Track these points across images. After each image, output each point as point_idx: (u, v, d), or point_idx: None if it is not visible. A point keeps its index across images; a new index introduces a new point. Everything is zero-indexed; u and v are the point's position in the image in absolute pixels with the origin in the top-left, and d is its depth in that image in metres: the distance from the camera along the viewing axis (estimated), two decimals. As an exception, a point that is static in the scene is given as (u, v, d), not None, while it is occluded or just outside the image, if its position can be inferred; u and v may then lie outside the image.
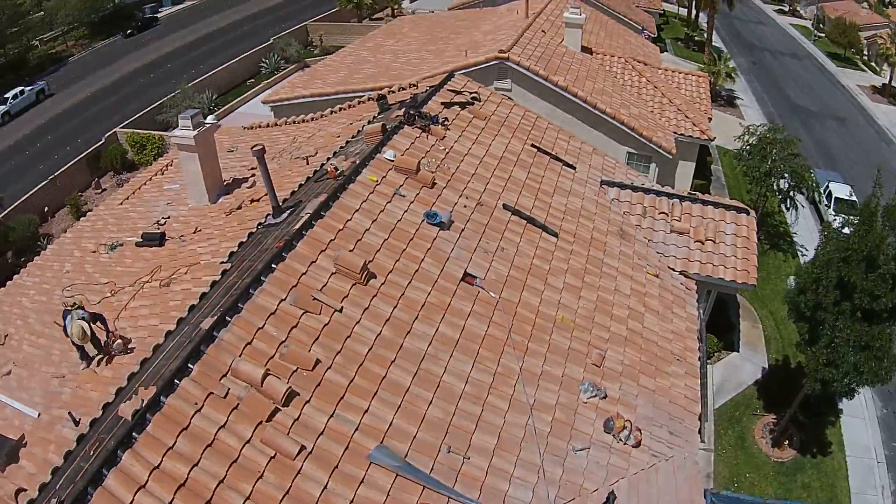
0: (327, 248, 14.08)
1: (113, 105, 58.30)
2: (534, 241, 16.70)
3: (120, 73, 67.17)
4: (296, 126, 25.46)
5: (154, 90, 56.95)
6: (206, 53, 66.75)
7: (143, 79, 64.35)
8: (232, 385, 11.39)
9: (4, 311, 21.10)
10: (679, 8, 76.08)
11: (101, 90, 63.72)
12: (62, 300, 18.77)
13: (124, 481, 9.93)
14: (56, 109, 61.37)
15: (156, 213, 21.86)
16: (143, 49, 73.16)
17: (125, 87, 63.19)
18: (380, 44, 38.53)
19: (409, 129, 18.30)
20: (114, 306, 16.95)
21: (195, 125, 19.37)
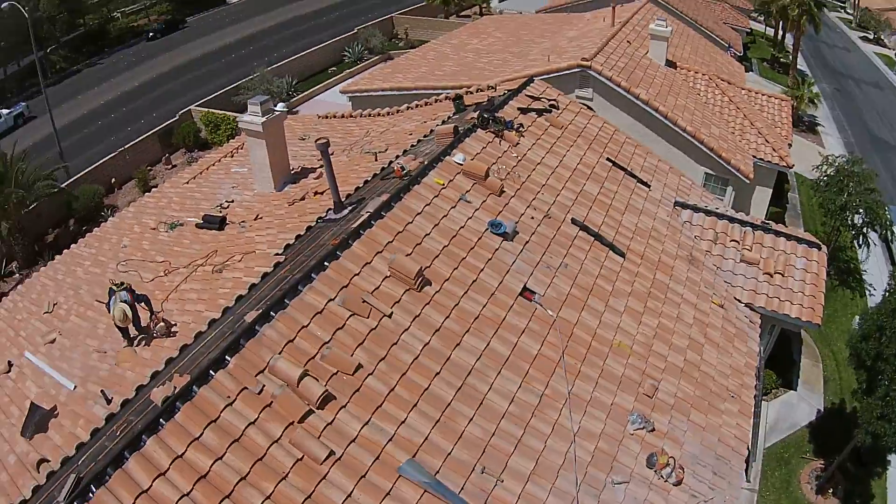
0: (384, 251, 13.77)
1: (191, 82, 59.41)
2: (599, 259, 16.18)
3: (202, 51, 68.53)
4: (370, 119, 25.38)
5: (234, 71, 57.86)
6: (289, 38, 67.60)
7: (225, 59, 65.50)
8: (268, 382, 11.17)
9: (58, 279, 21.56)
10: (766, 27, 74.24)
11: (181, 66, 65.05)
12: (115, 274, 19.09)
13: (145, 466, 9.88)
14: (133, 83, 62.83)
15: (220, 195, 22.10)
16: (227, 28, 74.43)
17: (206, 66, 64.45)
18: (464, 42, 38.46)
19: (482, 132, 17.91)
20: (165, 286, 17.13)
21: (264, 112, 19.46)
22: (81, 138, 53.38)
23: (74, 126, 56.12)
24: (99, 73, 69.79)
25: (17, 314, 20.72)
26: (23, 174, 38.21)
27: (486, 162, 16.86)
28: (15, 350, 18.45)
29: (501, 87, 21.69)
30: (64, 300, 20.03)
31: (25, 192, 37.62)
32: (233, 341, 11.60)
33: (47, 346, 17.69)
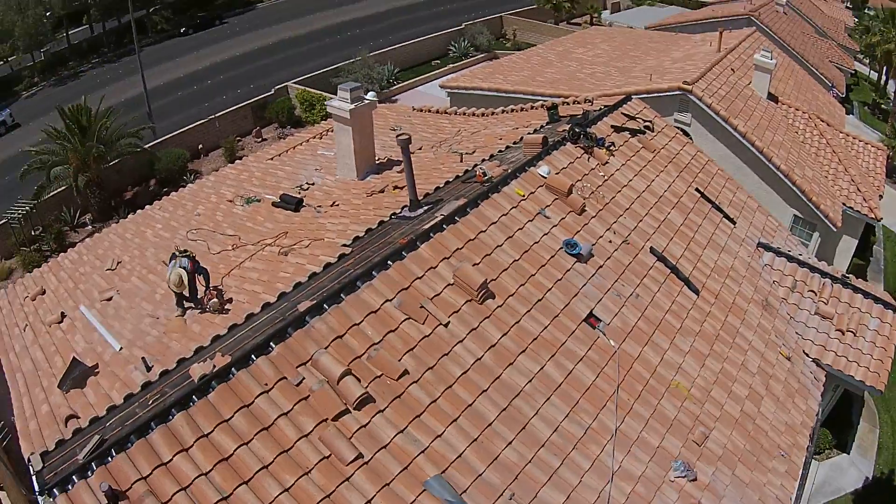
0: (451, 257, 13.45)
1: (292, 58, 60.28)
2: (672, 293, 15.55)
3: (309, 28, 69.57)
4: (464, 118, 25.16)
5: (337, 52, 58.47)
6: (397, 25, 68.16)
7: (330, 38, 66.38)
8: (308, 375, 11.02)
9: (126, 238, 22.03)
10: (871, 71, 71.62)
11: (287, 41, 66.09)
12: (184, 241, 19.35)
13: (169, 440, 9.94)
14: (235, 51, 64.12)
15: (302, 176, 22.23)
16: (337, 9, 75.35)
17: (310, 43, 65.40)
18: (569, 50, 38.13)
19: (572, 147, 17.46)
20: (230, 261, 17.27)
21: (353, 99, 19.45)
22: (174, 101, 54.83)
23: (168, 88, 57.85)
24: (202, 38, 71.51)
25: (81, 267, 21.30)
26: (106, 130, 39.27)
27: (572, 178, 16.40)
28: (71, 302, 18.96)
29: (598, 102, 21.19)
30: (128, 259, 20.44)
31: (106, 147, 38.68)
32: (281, 329, 11.52)
33: (103, 304, 18.11)
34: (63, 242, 37.15)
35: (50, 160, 38.31)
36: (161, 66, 63.64)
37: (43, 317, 18.96)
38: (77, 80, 68.43)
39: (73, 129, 38.33)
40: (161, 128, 46.83)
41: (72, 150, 37.81)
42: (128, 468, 9.58)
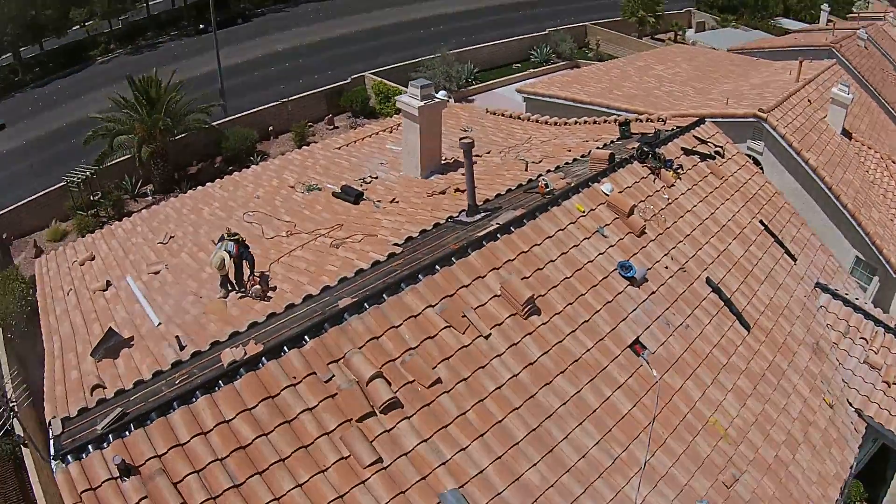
0: (501, 268, 13.22)
1: (373, 49, 60.52)
2: (722, 327, 15.06)
3: (393, 20, 69.89)
4: (536, 125, 24.91)
5: (419, 47, 58.44)
6: (481, 26, 67.89)
7: (413, 32, 66.49)
8: (338, 373, 10.94)
9: (183, 213, 22.34)
10: None
11: (370, 30, 66.47)
12: (238, 223, 19.65)
13: (189, 421, 10.06)
14: (316, 37, 64.72)
15: (366, 169, 22.27)
16: (424, 3, 75.52)
17: (392, 35, 65.62)
18: (649, 65, 37.68)
19: (639, 166, 17.07)
20: (281, 248, 17.43)
21: (423, 96, 19.38)
22: (249, 81, 55.44)
23: (244, 67, 58.46)
24: (285, 20, 72.33)
25: (133, 237, 21.77)
26: (175, 104, 39.79)
27: (634, 198, 16.03)
28: (118, 271, 19.38)
29: (671, 122, 20.72)
30: (181, 235, 20.79)
31: (173, 121, 39.21)
32: (317, 323, 11.51)
33: (150, 276, 18.45)
34: (121, 210, 37.83)
35: (115, 128, 39.01)
36: (240, 44, 64.42)
37: (88, 283, 19.41)
38: (154, 50, 69.69)
39: (142, 100, 39.01)
40: (233, 106, 47.27)
41: (138, 121, 38.47)
42: (144, 444, 9.72)
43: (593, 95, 30.69)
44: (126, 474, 9.30)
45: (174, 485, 9.37)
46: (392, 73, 48.04)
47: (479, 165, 20.21)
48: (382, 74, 47.75)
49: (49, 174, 41.29)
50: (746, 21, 68.93)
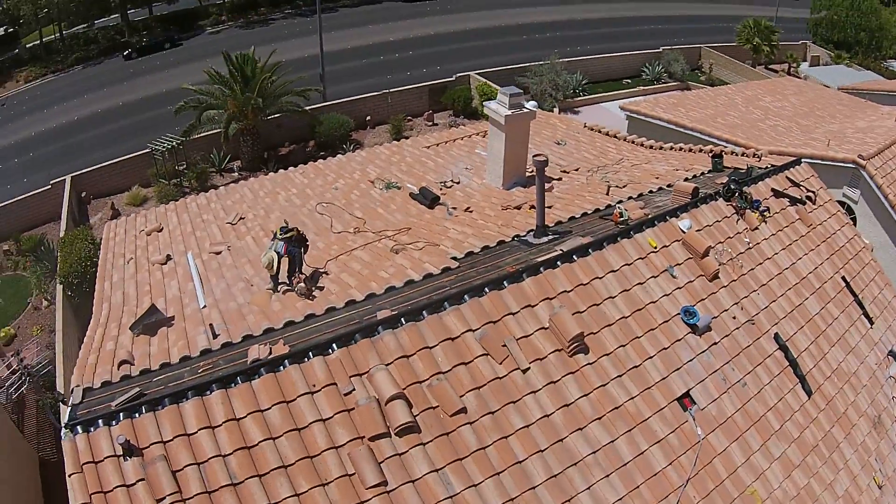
0: (555, 298, 12.79)
1: (483, 49, 60.67)
2: (782, 389, 14.13)
3: (506, 21, 70.01)
4: (632, 146, 24.39)
5: (528, 51, 58.47)
6: (595, 36, 67.61)
7: (526, 36, 66.46)
8: (359, 387, 10.79)
9: (259, 195, 22.77)
10: None
11: (480, 30, 66.66)
12: (310, 214, 20.12)
13: (199, 413, 10.20)
14: (429, 30, 65.23)
15: (450, 172, 22.25)
16: (540, 7, 75.26)
17: (503, 37, 65.71)
18: (758, 96, 36.76)
19: (723, 204, 16.33)
20: (345, 244, 17.62)
21: (511, 105, 19.23)
22: (354, 67, 56.25)
23: (350, 54, 59.54)
24: (397, 10, 73.00)
25: (205, 213, 22.26)
26: (270, 84, 40.42)
27: (713, 238, 15.32)
28: (182, 247, 19.82)
29: (767, 160, 19.91)
30: (251, 217, 21.17)
31: (266, 101, 39.96)
32: (349, 332, 11.39)
33: (210, 256, 18.87)
34: (205, 183, 38.87)
35: (206, 102, 39.95)
36: (350, 30, 65.67)
37: (150, 254, 20.02)
38: (265, 26, 71.64)
39: (237, 76, 39.85)
40: (333, 92, 48.14)
41: (231, 98, 39.30)
42: (151, 428, 9.93)
43: (696, 121, 30.18)
44: (129, 454, 9.56)
45: (173, 473, 9.53)
46: (498, 76, 48.11)
47: (563, 183, 19.99)
48: (488, 76, 47.87)
49: (142, 137, 42.60)
50: (860, 60, 67.25)
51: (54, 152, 51.20)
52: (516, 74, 48.66)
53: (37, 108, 61.32)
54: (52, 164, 47.87)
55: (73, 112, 58.41)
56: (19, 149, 53.74)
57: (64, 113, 58.64)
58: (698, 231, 15.32)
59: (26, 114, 60.70)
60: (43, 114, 59.44)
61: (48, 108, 60.70)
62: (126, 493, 9.31)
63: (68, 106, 60.00)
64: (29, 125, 57.64)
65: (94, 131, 53.45)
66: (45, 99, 63.42)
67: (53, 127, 56.43)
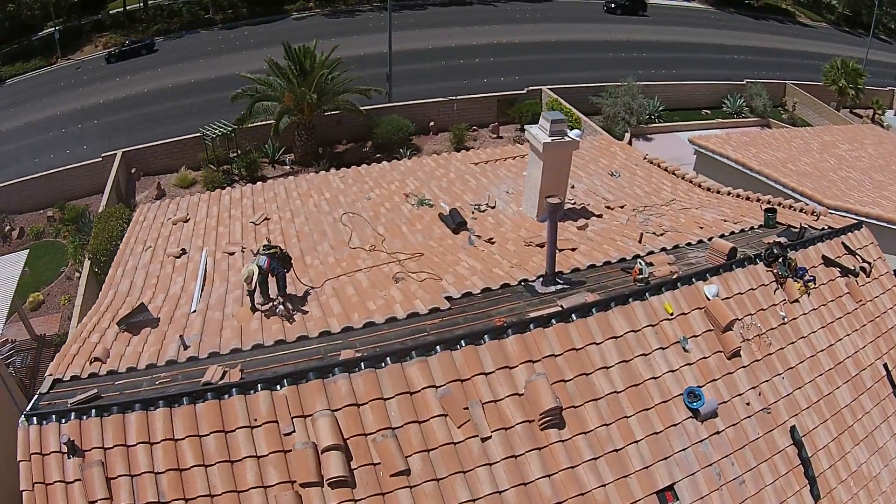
0: (540, 361, 11.94)
1: (556, 62, 59.76)
2: (786, 491, 12.57)
3: (577, 37, 68.69)
4: (688, 186, 23.07)
5: (606, 70, 57.22)
6: (675, 61, 65.91)
7: (612, 53, 65.41)
8: (300, 429, 10.59)
9: (293, 195, 22.55)
10: None
11: (559, 43, 65.90)
12: (333, 224, 19.77)
13: (140, 427, 10.45)
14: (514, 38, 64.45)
15: (487, 194, 21.51)
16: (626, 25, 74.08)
17: (584, 53, 64.61)
18: (835, 142, 35.09)
19: (763, 269, 15.09)
20: (355, 262, 17.13)
21: (552, 132, 18.19)
22: (426, 69, 55.87)
23: (428, 55, 59.00)
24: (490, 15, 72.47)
25: (235, 208, 22.03)
26: (330, 81, 40.07)
27: (742, 309, 14.11)
28: (201, 242, 19.74)
29: (826, 220, 18.53)
30: (277, 219, 20.89)
31: (322, 97, 39.80)
32: (303, 370, 11.12)
33: (223, 255, 18.58)
34: (255, 173, 38.99)
35: (264, 92, 39.94)
36: (435, 29, 65.56)
37: (170, 245, 19.87)
38: (350, 17, 71.90)
39: (293, 69, 39.67)
40: (401, 92, 47.86)
41: (287, 90, 39.09)
42: (96, 432, 10.36)
43: (764, 164, 28.94)
44: (71, 453, 10.11)
45: (107, 479, 9.92)
46: (571, 93, 47.13)
47: (602, 221, 19.07)
48: (560, 92, 46.86)
49: (206, 117, 42.94)
50: (953, 115, 63.72)
51: (117, 123, 52.16)
52: (591, 93, 47.69)
53: (109, 76, 62.56)
54: (113, 134, 48.84)
55: (143, 84, 59.56)
56: (85, 115, 54.88)
57: (135, 84, 59.83)
58: (726, 299, 14.16)
59: (98, 80, 62.12)
60: (115, 82, 60.72)
61: (120, 76, 61.96)
62: (63, 490, 9.87)
63: (140, 77, 61.21)
64: (99, 92, 58.89)
65: (159, 106, 54.22)
66: (119, 67, 64.36)
67: (122, 97, 57.56)
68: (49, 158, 46.33)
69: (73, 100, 57.88)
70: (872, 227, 19.13)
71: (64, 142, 49.71)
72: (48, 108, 57.00)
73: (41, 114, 55.91)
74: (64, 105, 56.98)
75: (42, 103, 58.25)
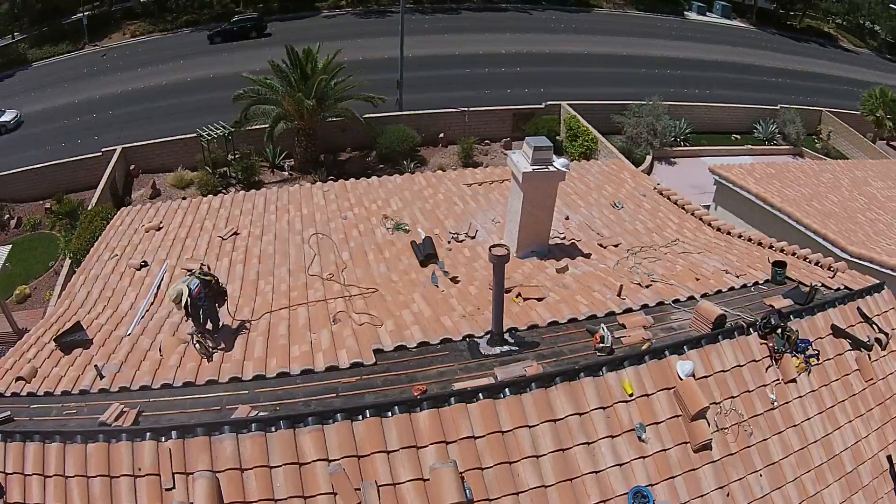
0: (455, 443, 10.65)
1: (583, 76, 58.38)
2: None
3: (604, 49, 67.22)
4: (697, 224, 21.22)
5: (632, 86, 55.61)
6: (704, 80, 63.92)
7: (645, 69, 63.92)
8: (180, 486, 9.97)
9: (270, 209, 21.75)
10: None
11: (588, 56, 64.47)
12: (298, 247, 18.95)
13: (37, 459, 10.42)
14: (535, 48, 63.18)
15: (474, 221, 20.37)
16: (656, 40, 72.55)
17: (613, 67, 63.34)
18: (866, 179, 33.33)
19: (756, 340, 13.29)
20: (302, 292, 16.34)
21: (536, 160, 16.70)
22: (448, 77, 54.83)
23: (450, 62, 58.56)
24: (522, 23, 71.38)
25: (212, 219, 21.35)
26: (332, 86, 39.16)
27: (722, 391, 12.35)
28: (165, 254, 19.16)
29: (843, 277, 16.70)
30: (245, 235, 20.04)
31: (321, 104, 39.05)
32: (194, 424, 10.45)
33: (181, 272, 17.39)
34: (251, 177, 38.30)
35: (264, 94, 39.22)
36: (462, 35, 64.92)
37: (134, 255, 19.29)
38: (381, 18, 71.51)
39: (294, 73, 39.03)
40: (414, 100, 46.77)
41: (287, 94, 38.34)
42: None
43: (786, 201, 27.45)
44: None
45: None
46: (591, 110, 45.67)
47: (588, 263, 17.58)
48: (580, 108, 45.35)
49: (216, 115, 42.28)
50: None
51: (132, 114, 52.24)
52: (613, 112, 46.08)
53: (133, 65, 63.04)
54: (126, 126, 48.81)
55: (164, 76, 59.73)
56: (102, 104, 55.10)
57: (156, 75, 59.99)
58: (704, 378, 12.40)
59: (121, 69, 62.45)
60: (136, 72, 60.95)
61: (143, 66, 62.31)
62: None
63: (163, 68, 61.38)
64: (120, 82, 59.19)
65: (177, 100, 54.01)
66: (144, 57, 65.09)
67: (141, 87, 57.66)
68: (61, 147, 46.38)
69: (93, 88, 58.03)
70: (894, 280, 17.47)
71: (78, 131, 49.69)
72: (68, 94, 57.41)
73: (60, 100, 56.23)
74: (83, 93, 57.24)
75: (63, 89, 58.50)
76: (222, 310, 14.29)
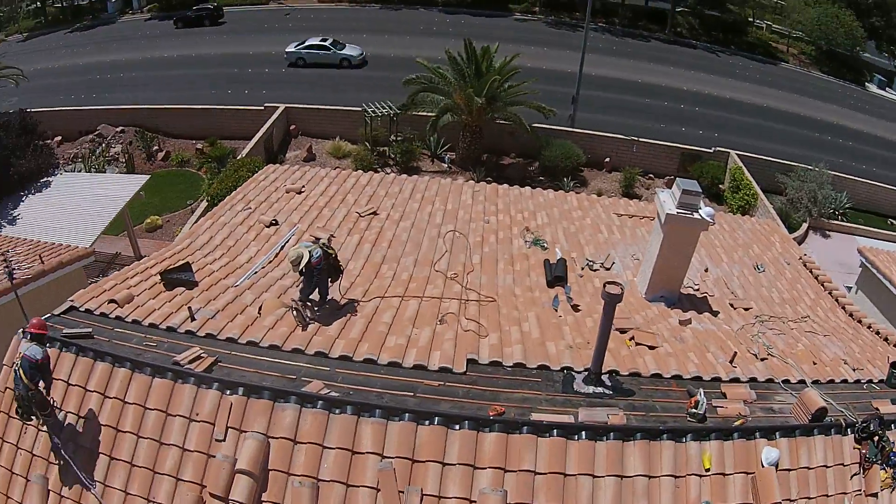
0: (511, 473, 10.38)
1: (765, 130, 55.77)
2: None
3: (802, 111, 64.31)
4: (831, 304, 20.08)
5: (807, 150, 52.39)
6: (880, 159, 57.26)
7: (819, 134, 60.12)
8: (228, 441, 10.46)
9: (417, 196, 21.94)
10: None
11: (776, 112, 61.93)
12: (435, 236, 19.02)
13: (103, 378, 11.24)
14: (720, 92, 61.77)
15: (610, 252, 19.98)
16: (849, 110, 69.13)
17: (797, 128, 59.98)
18: None
19: (849, 443, 12.26)
20: (421, 287, 16.20)
21: (681, 204, 16.20)
22: (627, 103, 54.55)
23: (631, 87, 58.15)
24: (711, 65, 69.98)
25: (353, 194, 21.66)
26: (506, 88, 39.34)
27: (800, 489, 11.48)
28: (297, 217, 19.60)
29: None
30: (384, 217, 20.24)
31: (488, 103, 38.78)
32: (260, 385, 10.87)
33: (311, 239, 17.67)
34: (409, 162, 38.65)
35: (429, 84, 39.42)
36: (650, 64, 63.71)
37: (266, 212, 19.77)
38: (571, 31, 70.87)
39: (470, 69, 38.99)
40: (588, 119, 46.10)
41: (458, 87, 38.57)
42: (67, 367, 11.45)
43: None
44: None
45: None
46: (757, 164, 44.02)
47: (712, 321, 16.80)
48: (747, 160, 43.71)
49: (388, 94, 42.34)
50: None
51: (308, 76, 52.88)
52: (778, 171, 44.07)
53: (314, 30, 64.05)
54: (299, 87, 49.31)
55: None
56: (276, 62, 56.56)
57: (341, 42, 60.71)
58: (786, 471, 11.66)
59: (305, 31, 63.74)
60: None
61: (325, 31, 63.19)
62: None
63: (355, 38, 62.08)
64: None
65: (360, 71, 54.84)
66: (330, 23, 66.04)
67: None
68: (226, 94, 48.13)
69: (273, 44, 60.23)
70: None
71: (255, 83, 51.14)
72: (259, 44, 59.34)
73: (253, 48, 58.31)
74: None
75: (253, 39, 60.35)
76: (333, 286, 14.37)
